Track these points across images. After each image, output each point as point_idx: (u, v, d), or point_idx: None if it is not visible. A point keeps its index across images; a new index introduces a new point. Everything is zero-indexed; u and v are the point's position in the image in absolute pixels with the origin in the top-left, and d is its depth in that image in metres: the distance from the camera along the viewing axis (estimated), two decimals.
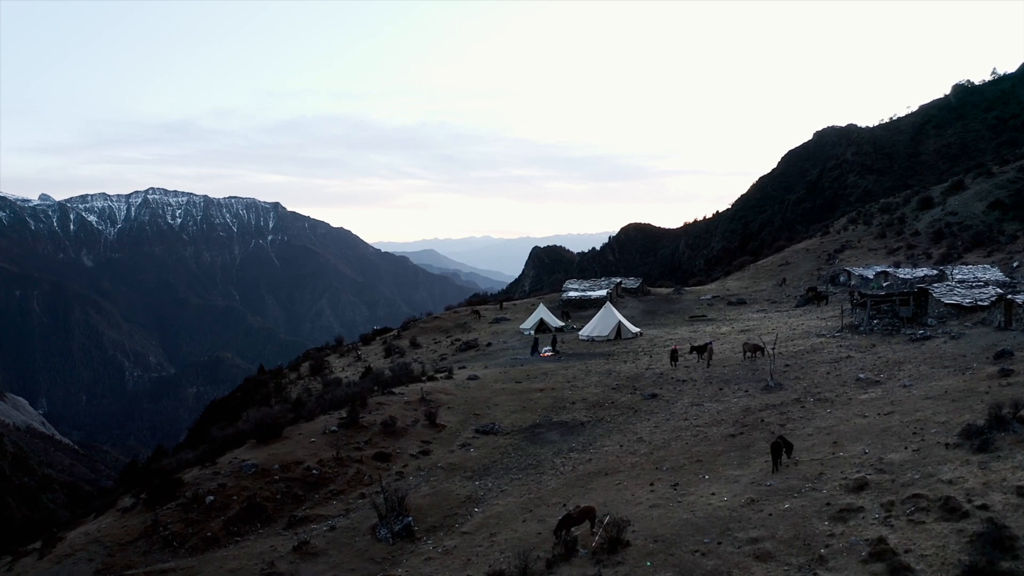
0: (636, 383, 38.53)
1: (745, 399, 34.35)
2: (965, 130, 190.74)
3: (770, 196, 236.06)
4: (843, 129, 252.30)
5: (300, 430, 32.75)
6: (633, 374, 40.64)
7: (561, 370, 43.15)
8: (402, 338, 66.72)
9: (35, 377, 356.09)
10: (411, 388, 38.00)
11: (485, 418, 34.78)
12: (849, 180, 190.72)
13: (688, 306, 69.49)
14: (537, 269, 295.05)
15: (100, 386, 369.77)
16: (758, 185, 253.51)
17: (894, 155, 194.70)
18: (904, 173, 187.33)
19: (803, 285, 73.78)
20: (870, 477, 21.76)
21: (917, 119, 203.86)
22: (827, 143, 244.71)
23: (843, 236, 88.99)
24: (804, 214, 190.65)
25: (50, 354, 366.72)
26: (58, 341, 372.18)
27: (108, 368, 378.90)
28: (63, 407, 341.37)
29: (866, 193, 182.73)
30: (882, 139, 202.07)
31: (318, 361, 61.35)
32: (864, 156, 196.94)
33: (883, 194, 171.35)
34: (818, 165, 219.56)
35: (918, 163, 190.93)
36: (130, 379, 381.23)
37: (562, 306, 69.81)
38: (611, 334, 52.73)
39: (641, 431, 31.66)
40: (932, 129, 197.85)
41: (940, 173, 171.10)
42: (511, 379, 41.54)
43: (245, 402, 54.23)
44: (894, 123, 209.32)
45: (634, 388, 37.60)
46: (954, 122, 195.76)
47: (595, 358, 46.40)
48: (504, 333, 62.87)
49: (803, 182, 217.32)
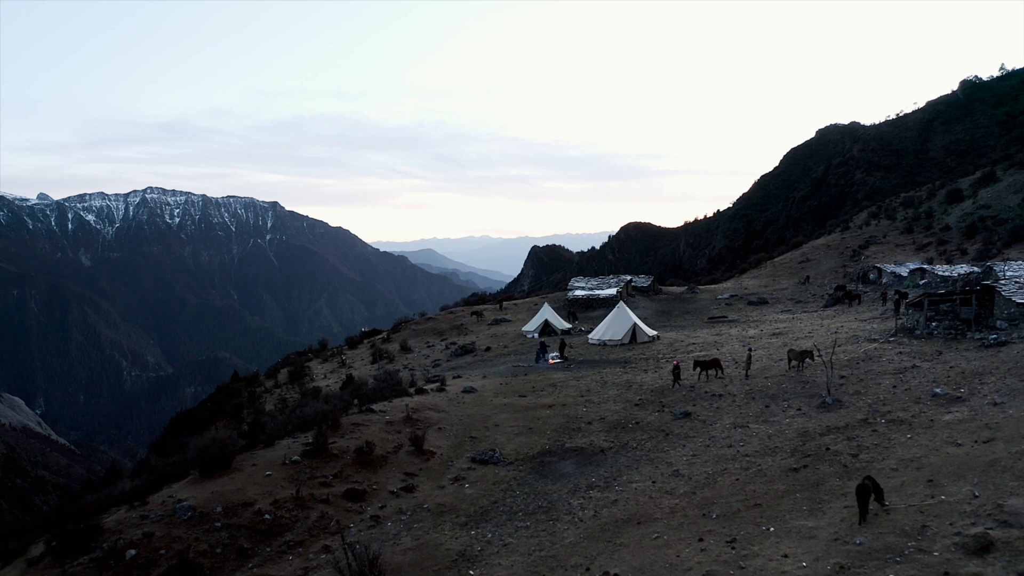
0: (663, 398, 32.09)
1: (799, 420, 27.99)
2: (974, 126, 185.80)
3: (772, 194, 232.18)
4: (846, 127, 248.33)
5: (255, 459, 26.30)
6: (658, 386, 34.18)
7: (572, 381, 36.66)
8: (392, 341, 60.06)
9: (32, 377, 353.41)
10: (395, 404, 31.53)
11: (483, 442, 28.37)
12: (856, 177, 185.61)
13: (705, 306, 63.07)
14: (536, 269, 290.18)
15: (98, 386, 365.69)
16: (760, 183, 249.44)
17: (902, 152, 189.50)
18: (912, 170, 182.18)
19: (828, 283, 67.48)
20: (992, 532, 15.62)
21: (924, 115, 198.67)
22: (830, 141, 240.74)
23: (865, 232, 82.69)
24: (810, 211, 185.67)
25: (48, 354, 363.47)
26: (56, 341, 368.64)
27: (106, 368, 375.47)
28: (60, 407, 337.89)
29: (874, 190, 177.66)
30: (889, 136, 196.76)
31: (298, 367, 54.74)
32: (871, 153, 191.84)
33: (891, 191, 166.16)
34: (821, 163, 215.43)
35: (926, 160, 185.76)
36: (128, 379, 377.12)
37: (568, 306, 63.24)
38: (625, 338, 46.28)
39: (676, 461, 25.27)
40: (940, 126, 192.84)
41: (949, 170, 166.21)
42: (514, 392, 35.12)
43: (215, 413, 47.82)
44: (901, 119, 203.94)
45: (661, 404, 31.17)
46: (963, 118, 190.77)
47: (610, 366, 39.96)
48: (505, 336, 56.36)
49: (807, 180, 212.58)
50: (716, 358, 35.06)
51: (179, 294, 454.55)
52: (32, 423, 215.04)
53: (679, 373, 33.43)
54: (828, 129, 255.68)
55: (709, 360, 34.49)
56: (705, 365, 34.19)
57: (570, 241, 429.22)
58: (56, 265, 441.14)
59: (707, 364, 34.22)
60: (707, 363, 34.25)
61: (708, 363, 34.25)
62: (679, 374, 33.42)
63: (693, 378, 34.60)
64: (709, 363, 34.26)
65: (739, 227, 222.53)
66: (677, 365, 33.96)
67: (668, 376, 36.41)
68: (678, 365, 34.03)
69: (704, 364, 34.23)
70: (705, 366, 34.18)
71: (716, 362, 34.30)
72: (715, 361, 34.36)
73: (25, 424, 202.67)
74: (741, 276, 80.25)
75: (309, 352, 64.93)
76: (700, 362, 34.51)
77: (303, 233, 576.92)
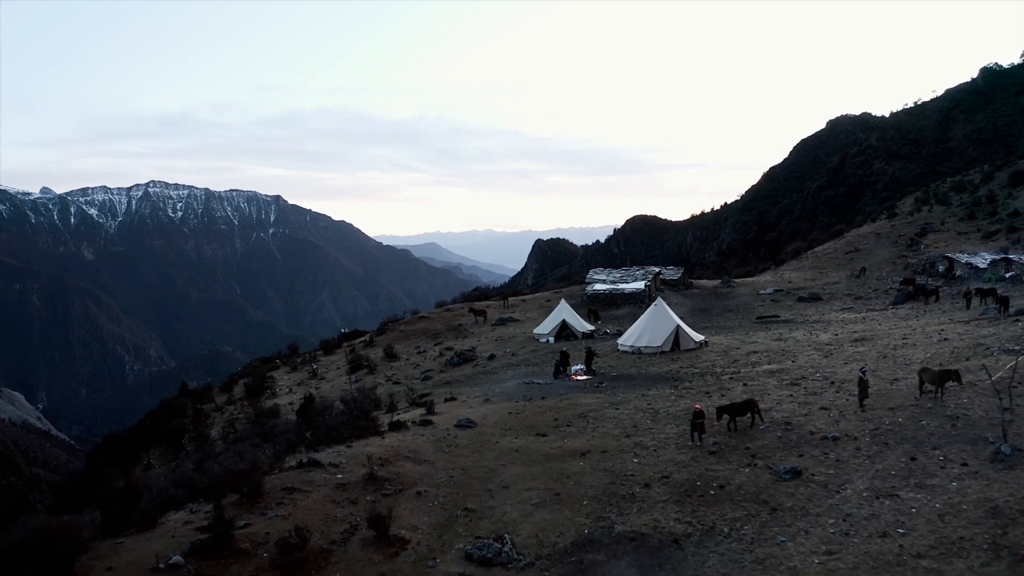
0: (749, 441, 21.54)
1: (973, 483, 17.63)
2: (996, 115, 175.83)
3: (783, 186, 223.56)
4: (857, 118, 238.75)
5: (117, 556, 15.90)
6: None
7: (609, 409, 26.03)
8: (375, 345, 49.27)
9: (35, 371, 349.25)
10: (356, 451, 21.02)
11: (485, 519, 17.92)
12: (875, 167, 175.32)
13: (746, 302, 52.45)
14: (540, 262, 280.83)
15: (100, 380, 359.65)
16: (769, 175, 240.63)
17: (921, 141, 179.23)
18: (932, 159, 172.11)
19: (887, 276, 56.90)
20: None
21: (943, 104, 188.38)
22: (841, 132, 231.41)
23: (918, 218, 72.01)
24: (826, 202, 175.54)
25: (50, 348, 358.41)
26: (58, 335, 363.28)
27: (108, 362, 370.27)
28: (62, 401, 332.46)
29: (893, 180, 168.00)
30: (908, 124, 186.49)
31: (258, 378, 44.19)
32: (889, 142, 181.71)
33: (912, 181, 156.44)
34: (832, 154, 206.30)
35: (947, 149, 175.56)
36: (130, 373, 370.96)
37: (587, 303, 52.27)
38: (666, 344, 35.61)
39: (804, 568, 14.87)
40: (960, 114, 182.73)
41: (972, 160, 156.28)
42: (528, 427, 24.58)
43: (154, 437, 37.49)
44: (919, 108, 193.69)
45: (750, 453, 20.64)
46: (983, 106, 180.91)
47: (655, 385, 29.35)
48: (512, 340, 45.65)
49: (821, 170, 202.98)
50: (750, 399, 23.46)
51: (181, 288, 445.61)
52: (32, 418, 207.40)
53: (703, 424, 21.76)
54: (839, 120, 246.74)
55: (740, 404, 22.82)
56: (735, 411, 22.53)
57: (573, 235, 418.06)
58: (58, 259, 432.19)
59: (738, 409, 22.59)
60: (738, 408, 22.62)
61: (740, 408, 22.63)
62: (703, 425, 21.76)
63: (719, 426, 22.67)
64: (741, 408, 22.64)
65: (749, 219, 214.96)
66: (700, 411, 21.87)
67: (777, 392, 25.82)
68: (701, 411, 21.87)
69: (734, 410, 22.57)
70: (735, 412, 22.52)
71: (751, 405, 22.78)
72: (749, 404, 22.81)
73: (25, 419, 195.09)
74: (778, 268, 69.64)
75: (277, 358, 54.03)
76: (727, 408, 22.67)
77: (306, 227, 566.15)
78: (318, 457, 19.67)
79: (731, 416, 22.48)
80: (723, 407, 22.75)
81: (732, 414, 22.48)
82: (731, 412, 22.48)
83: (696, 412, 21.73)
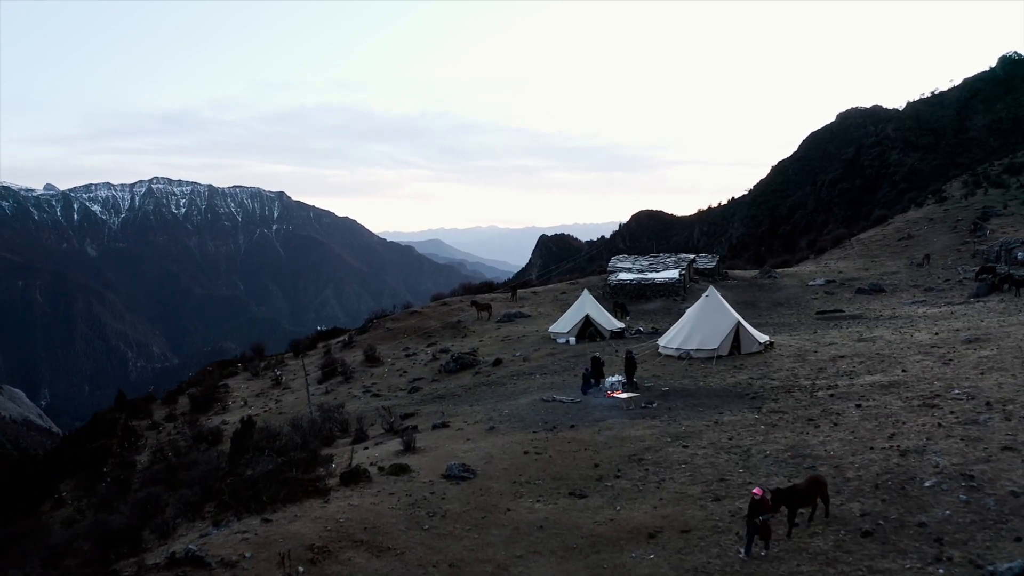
0: (922, 513, 12.91)
1: None
2: (1016, 104, 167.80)
3: (793, 180, 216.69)
4: (868, 110, 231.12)
5: None
6: (871, 466, 15.09)
7: (672, 445, 17.31)
8: (355, 346, 40.14)
9: (37, 368, 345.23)
10: (275, 528, 12.43)
11: None
12: (892, 158, 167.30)
13: (796, 295, 43.87)
14: (545, 258, 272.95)
15: (103, 377, 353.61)
16: (778, 169, 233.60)
17: (940, 131, 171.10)
18: (952, 150, 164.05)
19: (953, 264, 48.35)
20: None
21: (962, 93, 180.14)
22: (851, 125, 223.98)
23: (972, 202, 63.50)
24: (841, 195, 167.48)
25: (52, 345, 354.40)
26: (61, 332, 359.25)
27: (111, 359, 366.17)
28: (65, 398, 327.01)
29: (912, 171, 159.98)
30: (925, 114, 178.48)
31: (209, 387, 35.52)
32: (907, 132, 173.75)
33: (932, 172, 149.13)
34: (843, 147, 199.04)
35: (967, 140, 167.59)
36: (133, 370, 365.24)
37: (610, 295, 43.21)
38: (724, 346, 26.92)
39: None
40: (980, 104, 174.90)
41: (993, 150, 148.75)
42: (555, 478, 15.85)
43: (72, 462, 29.17)
44: (936, 98, 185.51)
45: (933, 539, 12.00)
46: (1003, 96, 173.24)
47: (727, 404, 20.61)
48: (522, 341, 36.85)
49: (834, 163, 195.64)
50: (816, 478, 13.77)
51: (185, 285, 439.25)
52: (33, 415, 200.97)
53: (768, 526, 12.53)
54: (849, 112, 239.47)
55: (803, 489, 13.31)
56: (795, 500, 13.06)
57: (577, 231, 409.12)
58: (61, 256, 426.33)
59: (799, 497, 13.15)
60: (800, 495, 13.16)
61: (802, 494, 13.21)
62: (768, 528, 12.54)
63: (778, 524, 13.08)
64: (803, 494, 13.23)
65: (759, 214, 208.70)
66: (764, 501, 12.45)
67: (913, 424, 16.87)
68: (765, 501, 12.48)
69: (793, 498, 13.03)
70: (796, 501, 13.06)
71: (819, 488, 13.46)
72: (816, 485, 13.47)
73: (26, 416, 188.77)
74: (820, 257, 61.14)
75: (238, 361, 45.30)
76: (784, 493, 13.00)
77: (309, 223, 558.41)
78: (204, 549, 11.15)
79: (792, 506, 13.01)
80: (780, 491, 13.07)
81: (792, 504, 13.01)
82: (792, 502, 12.99)
83: (755, 503, 12.45)
